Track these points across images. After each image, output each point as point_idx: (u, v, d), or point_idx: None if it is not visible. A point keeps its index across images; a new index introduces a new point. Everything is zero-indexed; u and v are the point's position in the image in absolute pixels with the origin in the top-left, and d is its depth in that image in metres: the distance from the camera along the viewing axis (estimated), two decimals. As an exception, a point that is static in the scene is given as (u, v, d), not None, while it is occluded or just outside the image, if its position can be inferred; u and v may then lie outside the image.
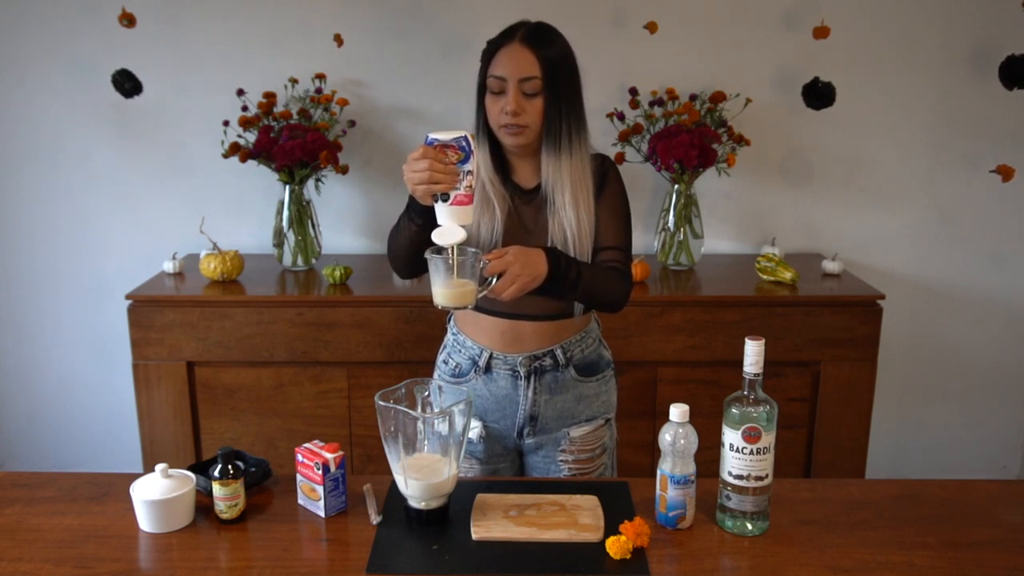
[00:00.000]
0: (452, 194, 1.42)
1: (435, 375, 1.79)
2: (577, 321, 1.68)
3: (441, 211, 1.44)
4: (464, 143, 1.41)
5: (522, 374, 1.66)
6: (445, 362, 1.76)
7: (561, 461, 1.71)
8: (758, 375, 1.34)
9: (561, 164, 1.57)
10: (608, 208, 1.64)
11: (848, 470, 2.51)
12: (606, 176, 1.65)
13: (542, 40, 1.55)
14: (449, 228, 1.43)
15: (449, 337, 1.77)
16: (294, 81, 2.69)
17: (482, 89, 1.58)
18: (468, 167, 1.42)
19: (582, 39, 2.66)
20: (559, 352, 1.66)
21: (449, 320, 1.78)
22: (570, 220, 1.58)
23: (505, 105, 1.53)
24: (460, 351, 1.72)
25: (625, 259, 1.64)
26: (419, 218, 1.52)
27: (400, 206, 1.58)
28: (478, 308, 1.66)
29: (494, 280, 1.45)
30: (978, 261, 2.85)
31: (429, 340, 1.83)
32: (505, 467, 1.75)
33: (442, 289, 1.44)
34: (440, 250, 1.44)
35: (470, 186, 1.43)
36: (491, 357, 1.67)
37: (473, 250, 1.44)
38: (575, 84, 1.60)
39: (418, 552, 1.34)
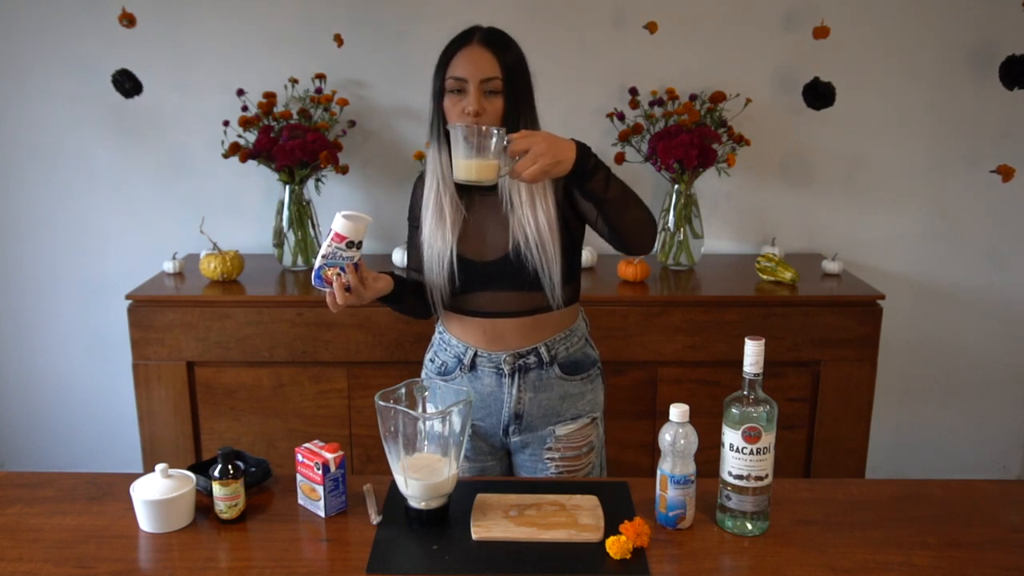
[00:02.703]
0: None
1: (422, 373, 1.80)
2: (560, 318, 1.68)
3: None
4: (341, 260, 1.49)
5: (506, 372, 1.67)
6: (432, 360, 1.77)
7: (548, 459, 1.71)
8: (758, 375, 1.34)
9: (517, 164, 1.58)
10: None
11: (848, 470, 2.51)
12: None
13: (500, 43, 1.57)
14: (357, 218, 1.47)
15: (436, 337, 1.78)
16: (294, 81, 2.69)
17: (439, 94, 1.60)
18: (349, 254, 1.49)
19: (582, 39, 2.70)
20: (543, 350, 1.67)
21: (438, 319, 1.78)
22: (528, 220, 1.58)
23: (466, 106, 1.54)
24: (446, 349, 1.73)
25: None
26: (387, 304, 1.67)
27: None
28: (459, 309, 1.68)
29: (517, 160, 1.40)
30: (978, 261, 2.85)
31: (429, 340, 1.83)
32: (493, 465, 1.76)
33: (463, 161, 1.40)
34: (465, 122, 1.41)
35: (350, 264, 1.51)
36: (475, 355, 1.68)
37: (498, 128, 1.41)
38: (530, 88, 1.62)
39: (418, 552, 1.34)
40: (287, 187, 2.61)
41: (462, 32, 1.59)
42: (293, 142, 2.49)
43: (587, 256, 2.65)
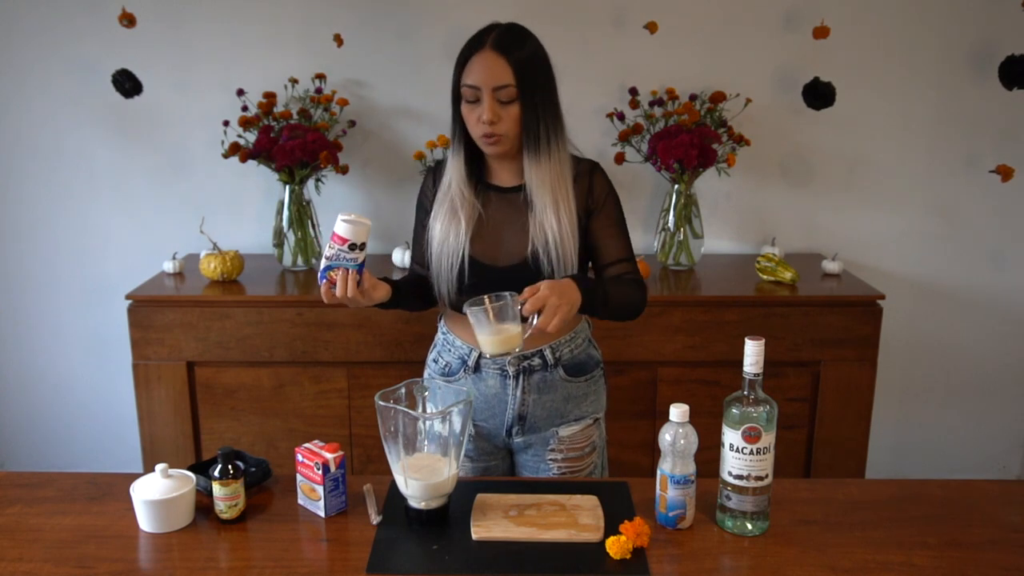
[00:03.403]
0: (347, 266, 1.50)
1: (425, 374, 1.79)
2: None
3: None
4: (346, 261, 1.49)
5: (511, 373, 1.66)
6: (435, 361, 1.76)
7: (551, 460, 1.71)
8: (758, 375, 1.34)
9: (541, 167, 1.58)
10: (606, 220, 1.65)
11: (848, 470, 2.51)
12: (593, 184, 1.64)
13: (513, 44, 1.54)
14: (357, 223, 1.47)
15: (439, 336, 1.77)
16: (294, 81, 2.69)
17: (457, 97, 1.58)
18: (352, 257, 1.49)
19: (582, 39, 2.70)
20: (548, 352, 1.67)
21: (440, 319, 1.78)
22: (551, 224, 1.58)
23: (481, 114, 1.53)
24: (450, 350, 1.73)
25: (635, 267, 1.67)
26: (390, 307, 1.66)
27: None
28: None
29: (535, 319, 1.44)
30: (978, 261, 2.85)
31: (429, 340, 1.84)
32: (496, 465, 1.76)
33: (487, 338, 1.44)
34: (478, 302, 1.44)
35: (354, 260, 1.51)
36: (480, 356, 1.68)
37: (509, 293, 1.44)
38: (550, 83, 1.59)
39: (418, 552, 1.34)
40: (287, 187, 2.61)
41: (478, 32, 1.56)
42: (293, 142, 2.49)
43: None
